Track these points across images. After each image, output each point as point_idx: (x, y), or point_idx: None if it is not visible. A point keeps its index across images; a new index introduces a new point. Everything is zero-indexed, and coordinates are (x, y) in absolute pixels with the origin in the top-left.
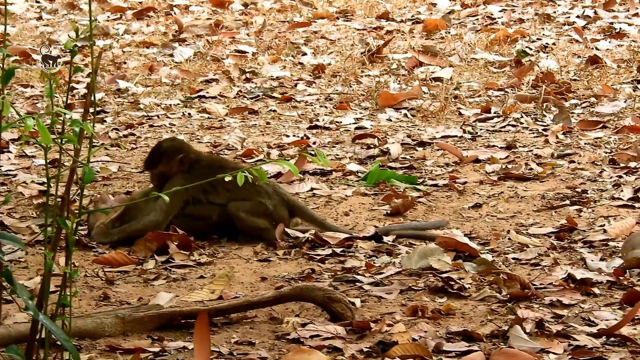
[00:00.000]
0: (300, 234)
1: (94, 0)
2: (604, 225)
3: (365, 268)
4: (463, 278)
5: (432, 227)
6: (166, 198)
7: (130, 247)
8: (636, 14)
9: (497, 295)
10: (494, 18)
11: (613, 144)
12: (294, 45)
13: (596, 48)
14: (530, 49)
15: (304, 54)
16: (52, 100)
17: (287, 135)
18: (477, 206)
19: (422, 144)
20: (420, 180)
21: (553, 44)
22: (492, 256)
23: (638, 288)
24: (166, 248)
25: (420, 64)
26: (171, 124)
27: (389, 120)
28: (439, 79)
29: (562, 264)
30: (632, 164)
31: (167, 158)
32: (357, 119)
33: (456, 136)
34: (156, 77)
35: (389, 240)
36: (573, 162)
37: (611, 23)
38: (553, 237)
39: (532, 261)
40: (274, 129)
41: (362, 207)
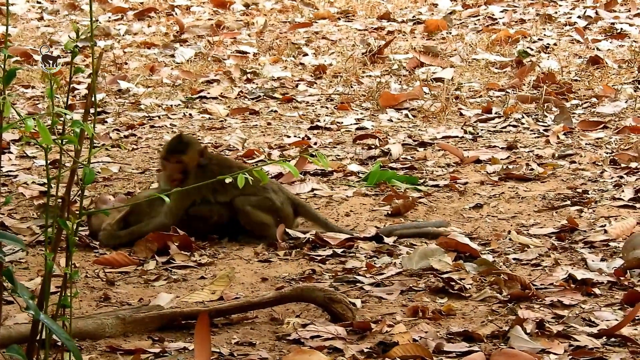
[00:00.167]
0: (301, 235)
1: (95, 0)
2: (605, 225)
3: (366, 269)
4: (464, 278)
5: (433, 227)
6: (167, 199)
7: (131, 248)
8: (637, 15)
9: (498, 295)
10: (495, 18)
11: (614, 145)
12: (295, 45)
13: (597, 48)
14: (531, 50)
15: (305, 55)
16: (53, 100)
17: (288, 135)
18: (478, 207)
19: (423, 145)
20: (421, 180)
21: (554, 45)
22: (493, 257)
23: (638, 288)
24: (167, 249)
25: (421, 65)
26: (172, 125)
27: (390, 120)
28: (440, 80)
29: (563, 265)
30: (633, 165)
31: (190, 148)
32: (358, 120)
33: (457, 137)
34: (157, 78)
35: (390, 240)
36: (574, 163)
37: (612, 23)
38: (554, 238)
39: (533, 261)
40: (275, 130)
41: (363, 208)
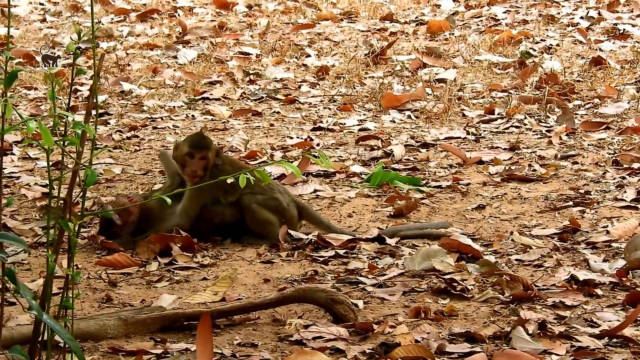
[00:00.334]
0: (303, 236)
1: (98, 2)
2: (607, 226)
3: (368, 269)
4: (466, 279)
5: (436, 228)
6: (169, 201)
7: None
8: None
9: (500, 296)
10: (498, 19)
11: (616, 145)
12: (298, 47)
13: (600, 49)
14: (534, 50)
15: (308, 56)
16: (54, 102)
17: (291, 136)
18: (481, 207)
19: (426, 146)
20: (423, 181)
21: (557, 45)
22: (495, 257)
23: None
24: (169, 250)
25: (424, 66)
26: (175, 126)
27: (393, 121)
28: (443, 81)
29: (565, 265)
30: (636, 165)
31: (212, 145)
32: (361, 121)
33: (460, 137)
34: (160, 79)
35: (392, 242)
36: (576, 163)
37: (615, 24)
38: (556, 239)
39: (535, 262)
40: (278, 131)
41: (366, 209)
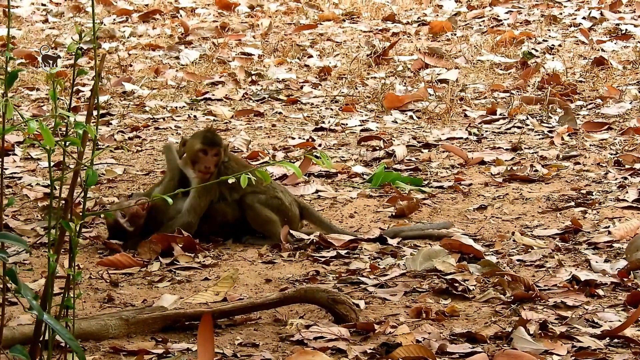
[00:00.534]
0: (305, 236)
1: (100, 3)
2: (609, 226)
3: (369, 270)
4: (467, 280)
5: (437, 229)
6: (170, 200)
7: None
8: None
9: (501, 296)
10: (500, 20)
11: (618, 146)
12: (300, 47)
13: (602, 49)
14: (536, 51)
15: (310, 56)
16: (56, 102)
17: (293, 137)
18: (482, 208)
19: (428, 146)
20: (425, 182)
21: (559, 46)
22: (497, 258)
23: None
24: (171, 250)
25: (426, 66)
26: (177, 127)
27: (395, 122)
28: (445, 81)
29: (567, 266)
30: (637, 166)
31: (223, 142)
32: (363, 121)
33: (462, 138)
34: (162, 80)
35: (394, 242)
36: (578, 164)
37: (617, 24)
38: (558, 239)
39: (537, 263)
40: (280, 131)
41: (367, 209)
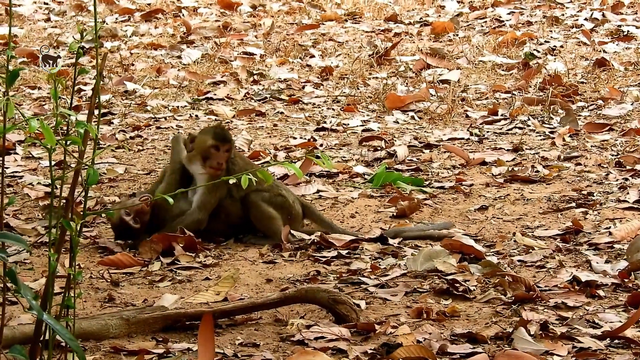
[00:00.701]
0: (306, 236)
1: (102, 2)
2: (610, 227)
3: (370, 270)
4: (468, 280)
5: (437, 230)
6: (170, 200)
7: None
8: None
9: (502, 297)
10: (502, 20)
11: (619, 147)
12: (302, 47)
13: (604, 51)
14: (538, 52)
15: (312, 56)
16: (57, 101)
17: (294, 137)
18: (483, 208)
19: (429, 146)
20: (426, 182)
21: (561, 47)
22: (498, 258)
23: None
24: (172, 250)
25: (428, 67)
26: (178, 126)
27: (396, 122)
28: (447, 82)
29: (567, 267)
30: (638, 167)
31: (232, 138)
32: (364, 121)
33: (463, 138)
34: (164, 79)
35: (395, 242)
36: (579, 165)
37: (619, 26)
38: (558, 240)
39: (538, 263)
40: (281, 131)
41: (368, 209)
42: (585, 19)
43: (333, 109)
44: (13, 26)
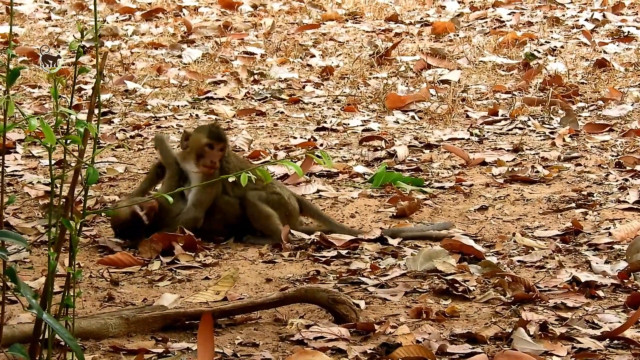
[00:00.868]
0: (305, 236)
1: (103, 1)
2: (609, 228)
3: (370, 270)
4: (468, 280)
5: (436, 231)
6: (170, 199)
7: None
8: None
9: (502, 297)
10: (503, 21)
11: (619, 147)
12: (303, 47)
13: (604, 51)
14: (538, 52)
15: (313, 56)
16: (57, 100)
17: (295, 137)
18: (483, 209)
19: (429, 147)
20: (426, 182)
21: (561, 47)
22: (497, 259)
23: None
24: (171, 249)
25: (428, 67)
26: (179, 125)
27: (397, 122)
28: (447, 82)
29: (567, 267)
30: (638, 167)
31: (226, 136)
32: (365, 121)
33: (463, 139)
34: (164, 78)
35: (394, 242)
36: (579, 165)
37: (619, 26)
38: (558, 240)
39: (537, 264)
40: (282, 131)
41: (368, 209)
42: (585, 20)
43: (333, 109)
44: (14, 25)
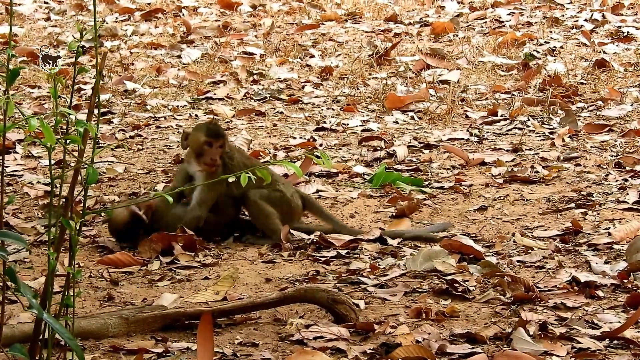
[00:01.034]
0: (305, 236)
1: (103, 1)
2: (609, 228)
3: (369, 270)
4: (467, 280)
5: (438, 230)
6: (171, 199)
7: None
8: None
9: (501, 297)
10: (502, 21)
11: (619, 148)
12: (302, 47)
13: (603, 51)
14: (537, 52)
15: (312, 56)
16: (57, 100)
17: (294, 137)
18: (483, 209)
19: (429, 147)
20: (426, 182)
21: (561, 47)
22: (497, 259)
23: None
24: (171, 249)
25: (427, 67)
26: (178, 126)
27: (396, 122)
28: (446, 82)
29: (567, 267)
30: (638, 168)
31: (225, 134)
32: (364, 121)
33: (463, 139)
34: (164, 79)
35: (394, 242)
36: (579, 165)
37: (619, 27)
38: (558, 240)
39: (537, 264)
40: (281, 131)
41: (368, 209)
42: (585, 20)
43: (333, 109)
44: (13, 25)
